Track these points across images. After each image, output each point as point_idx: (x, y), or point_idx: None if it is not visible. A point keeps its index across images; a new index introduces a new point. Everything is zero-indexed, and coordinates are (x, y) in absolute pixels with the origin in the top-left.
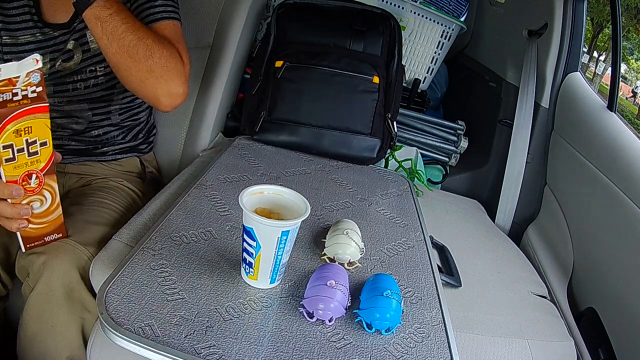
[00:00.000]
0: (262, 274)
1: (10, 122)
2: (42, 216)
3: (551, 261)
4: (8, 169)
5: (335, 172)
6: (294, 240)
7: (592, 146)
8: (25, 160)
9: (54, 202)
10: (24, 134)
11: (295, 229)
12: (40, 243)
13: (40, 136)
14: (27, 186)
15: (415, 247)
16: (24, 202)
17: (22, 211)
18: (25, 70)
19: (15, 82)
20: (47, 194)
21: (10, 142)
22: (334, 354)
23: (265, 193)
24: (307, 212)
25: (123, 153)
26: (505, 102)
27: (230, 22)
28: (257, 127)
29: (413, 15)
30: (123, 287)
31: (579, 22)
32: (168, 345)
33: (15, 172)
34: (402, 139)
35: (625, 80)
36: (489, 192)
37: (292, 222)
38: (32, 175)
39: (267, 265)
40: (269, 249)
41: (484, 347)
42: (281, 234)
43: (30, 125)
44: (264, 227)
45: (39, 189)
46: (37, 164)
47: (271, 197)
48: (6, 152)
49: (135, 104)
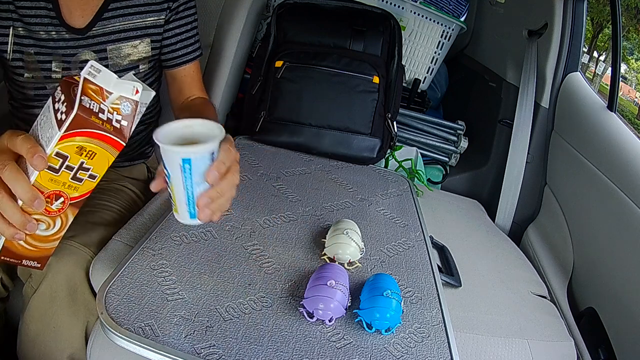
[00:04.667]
0: (180, 206)
1: (83, 135)
2: (39, 239)
3: (551, 261)
4: (44, 176)
5: (335, 172)
6: (203, 172)
7: (592, 146)
8: (65, 180)
9: (58, 233)
10: (84, 155)
11: (201, 157)
12: (14, 262)
13: (95, 168)
14: (48, 205)
15: (415, 247)
16: (34, 216)
17: (28, 225)
18: (120, 92)
19: (105, 97)
20: (58, 222)
21: (66, 154)
22: (334, 354)
23: (189, 126)
24: (211, 141)
25: (131, 160)
26: (505, 102)
27: (230, 22)
28: (257, 127)
29: (413, 15)
30: (123, 287)
31: (579, 22)
32: (168, 345)
33: (48, 184)
34: (402, 139)
35: (625, 80)
36: (489, 192)
37: (191, 149)
38: (60, 198)
39: (180, 197)
40: (176, 178)
41: (484, 347)
42: (182, 161)
43: (96, 151)
44: (166, 153)
45: (56, 213)
46: (72, 191)
47: (195, 131)
48: (56, 160)
49: (147, 117)
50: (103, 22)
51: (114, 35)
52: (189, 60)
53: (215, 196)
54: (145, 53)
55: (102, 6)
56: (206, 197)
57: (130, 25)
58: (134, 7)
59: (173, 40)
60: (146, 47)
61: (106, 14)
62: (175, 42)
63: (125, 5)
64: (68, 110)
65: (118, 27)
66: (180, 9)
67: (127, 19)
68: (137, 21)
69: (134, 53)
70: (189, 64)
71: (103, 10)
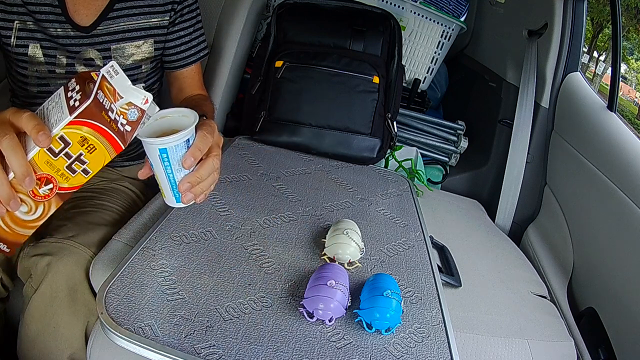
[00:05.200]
0: (165, 191)
1: (90, 126)
2: (16, 222)
3: (551, 261)
4: (42, 157)
5: (335, 172)
6: (179, 159)
7: (592, 146)
8: (60, 167)
9: (37, 221)
10: (84, 147)
11: (176, 146)
12: None
13: (91, 163)
14: (37, 187)
15: (415, 247)
16: (20, 195)
17: (12, 202)
18: (131, 98)
19: (116, 99)
20: (40, 209)
21: (69, 140)
22: (334, 354)
23: (167, 117)
24: (184, 129)
25: (131, 160)
26: (505, 102)
27: (230, 22)
28: (257, 127)
29: (413, 15)
30: (123, 287)
31: (579, 22)
32: (168, 345)
33: (43, 166)
34: (402, 139)
35: (625, 80)
36: (489, 192)
37: (165, 139)
38: (50, 184)
39: (164, 183)
40: (158, 166)
41: (484, 347)
42: (159, 151)
43: (96, 147)
44: (145, 145)
45: (41, 199)
46: (63, 180)
47: (172, 121)
48: (57, 144)
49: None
50: (108, 21)
51: (118, 35)
52: (190, 62)
53: (195, 181)
54: (148, 53)
55: (108, 6)
56: (186, 182)
57: (134, 26)
58: (139, 7)
59: (177, 42)
60: (149, 47)
61: (111, 14)
62: (179, 44)
63: (130, 5)
64: (83, 99)
65: (122, 27)
66: (185, 11)
67: (132, 19)
68: (141, 22)
69: (137, 53)
70: (190, 65)
71: (108, 10)
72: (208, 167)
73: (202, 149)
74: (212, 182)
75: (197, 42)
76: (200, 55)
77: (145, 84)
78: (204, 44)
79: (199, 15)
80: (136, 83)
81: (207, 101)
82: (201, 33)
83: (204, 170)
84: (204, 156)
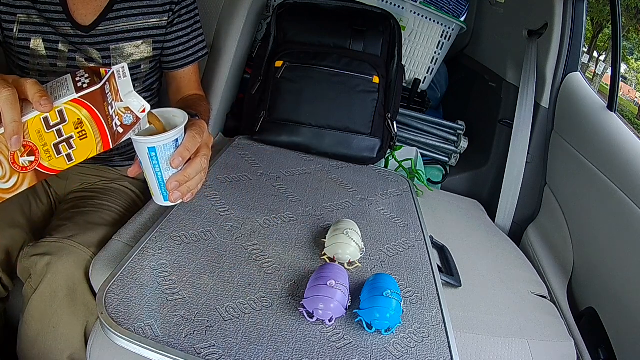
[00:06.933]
0: (154, 190)
1: (89, 111)
2: None
3: (551, 261)
4: (35, 125)
5: (335, 172)
6: (168, 158)
7: (592, 146)
8: (48, 142)
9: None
10: (77, 130)
11: (165, 145)
12: None
13: (77, 150)
14: (19, 154)
15: (415, 247)
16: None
17: None
18: (129, 104)
19: (117, 100)
20: (13, 180)
21: (67, 118)
22: (334, 354)
23: (158, 116)
24: (174, 129)
25: (131, 160)
26: (505, 102)
27: (230, 22)
28: (257, 127)
29: (413, 15)
30: (123, 287)
31: (579, 22)
32: (168, 345)
33: (33, 134)
34: (402, 139)
35: (625, 80)
36: (489, 192)
37: (154, 139)
38: (32, 157)
39: (153, 181)
40: (147, 165)
41: (484, 347)
42: (148, 150)
43: (87, 134)
44: (135, 144)
45: (18, 168)
46: (46, 157)
47: (163, 120)
48: (55, 117)
49: None
50: (107, 22)
51: (117, 35)
52: (188, 63)
53: (183, 180)
54: (147, 53)
55: (107, 6)
56: (174, 181)
57: (133, 26)
58: (138, 8)
59: (175, 42)
60: (148, 47)
61: (110, 14)
62: (177, 44)
63: (129, 6)
64: (92, 83)
65: (122, 28)
66: (183, 12)
67: (131, 20)
68: (140, 22)
69: (136, 53)
70: (188, 66)
71: (108, 11)
72: (196, 167)
73: (191, 149)
74: (199, 181)
75: (195, 43)
76: (199, 55)
77: (144, 84)
78: (202, 45)
79: (197, 16)
80: (135, 83)
81: (203, 101)
82: (199, 34)
83: (192, 170)
84: (192, 156)
